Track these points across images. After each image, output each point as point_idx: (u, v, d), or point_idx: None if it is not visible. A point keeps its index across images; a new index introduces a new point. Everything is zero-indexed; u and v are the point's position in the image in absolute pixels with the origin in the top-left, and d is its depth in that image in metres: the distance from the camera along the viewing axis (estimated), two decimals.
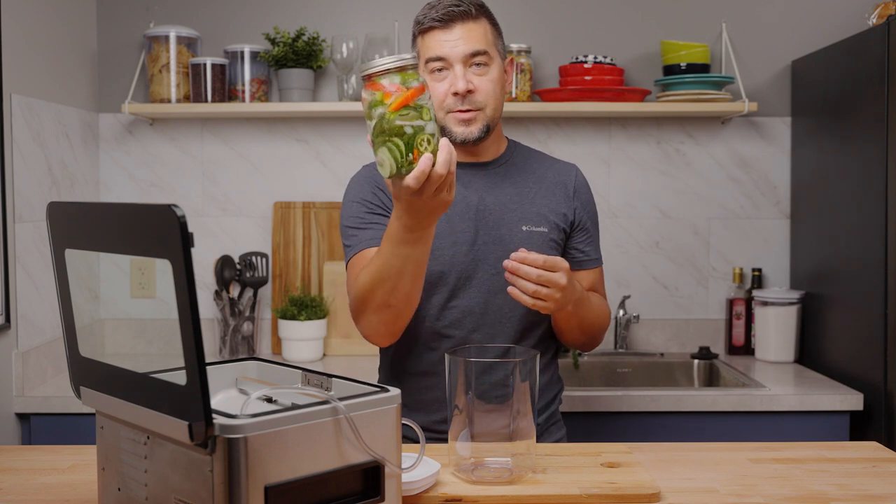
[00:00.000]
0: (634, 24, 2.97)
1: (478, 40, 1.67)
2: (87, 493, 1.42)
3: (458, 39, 1.66)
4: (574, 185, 1.83)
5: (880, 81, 2.34)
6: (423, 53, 1.70)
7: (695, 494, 1.41)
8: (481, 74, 1.68)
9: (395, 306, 1.58)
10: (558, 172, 1.83)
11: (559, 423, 1.87)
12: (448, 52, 1.66)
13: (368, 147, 1.40)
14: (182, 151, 2.97)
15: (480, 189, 1.76)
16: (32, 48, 2.46)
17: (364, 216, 1.73)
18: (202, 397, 1.00)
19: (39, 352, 2.47)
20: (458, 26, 1.66)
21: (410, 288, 1.57)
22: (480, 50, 1.67)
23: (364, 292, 1.59)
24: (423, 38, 1.70)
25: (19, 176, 2.36)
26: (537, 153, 1.88)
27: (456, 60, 1.67)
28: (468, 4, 1.68)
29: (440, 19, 1.66)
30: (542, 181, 1.80)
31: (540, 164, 1.84)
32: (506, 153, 1.82)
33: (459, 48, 1.66)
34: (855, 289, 2.51)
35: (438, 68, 1.68)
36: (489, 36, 1.70)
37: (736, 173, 2.99)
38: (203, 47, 2.91)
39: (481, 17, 1.69)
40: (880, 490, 1.43)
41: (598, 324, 1.79)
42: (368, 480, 1.16)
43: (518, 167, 1.81)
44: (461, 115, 1.69)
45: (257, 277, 2.89)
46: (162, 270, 2.82)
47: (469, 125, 1.70)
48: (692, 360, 2.89)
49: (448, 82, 1.67)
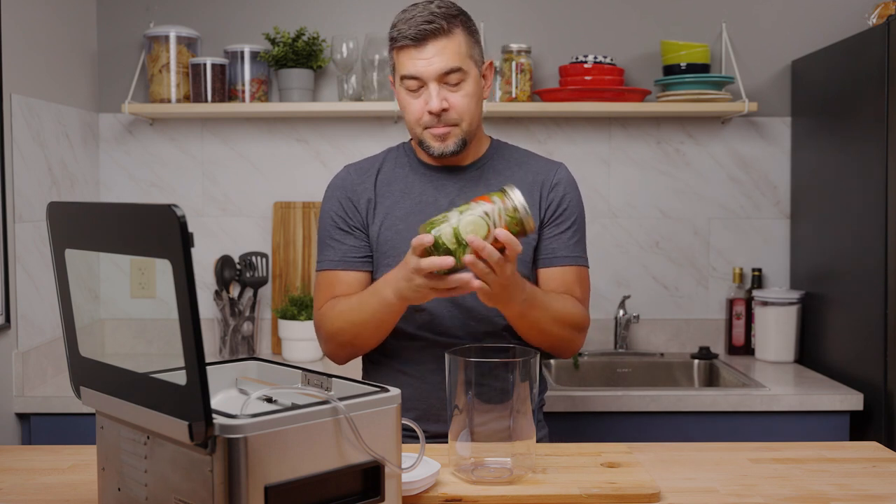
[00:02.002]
0: (634, 24, 2.97)
1: (451, 57, 1.66)
2: (87, 493, 1.42)
3: (431, 58, 1.66)
4: (552, 182, 1.78)
5: (880, 81, 2.34)
6: (398, 69, 1.71)
7: (695, 494, 1.41)
8: (456, 91, 1.68)
9: (359, 347, 1.74)
10: (537, 173, 1.79)
11: (540, 423, 1.85)
12: (421, 72, 1.66)
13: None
14: (182, 151, 2.97)
15: (452, 192, 1.77)
16: (32, 48, 2.47)
17: (331, 231, 1.80)
18: (202, 397, 1.00)
19: (39, 352, 2.47)
20: (431, 44, 1.65)
21: (379, 336, 1.71)
22: (454, 67, 1.66)
23: (334, 331, 1.72)
24: (398, 54, 1.70)
25: (19, 176, 2.36)
26: (521, 153, 1.85)
27: (430, 79, 1.66)
28: (440, 20, 1.65)
29: (413, 38, 1.66)
30: (518, 184, 1.75)
31: (520, 166, 1.81)
32: (485, 156, 1.81)
33: (433, 67, 1.66)
34: (855, 289, 2.51)
35: (413, 88, 1.69)
36: (463, 49, 1.68)
37: (736, 173, 2.99)
38: (203, 47, 2.91)
39: (454, 30, 1.67)
40: (880, 490, 1.43)
41: (558, 327, 1.68)
42: (368, 480, 1.16)
43: (496, 170, 1.80)
44: (436, 131, 1.70)
45: (257, 277, 2.89)
46: (162, 270, 2.82)
47: (444, 140, 1.71)
48: (692, 360, 2.89)
49: (423, 100, 1.68)
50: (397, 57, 1.71)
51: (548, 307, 1.65)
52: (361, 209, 1.79)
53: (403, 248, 1.72)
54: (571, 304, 1.71)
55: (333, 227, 1.79)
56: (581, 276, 1.78)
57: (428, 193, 1.77)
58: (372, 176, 1.81)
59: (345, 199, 1.80)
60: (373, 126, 2.97)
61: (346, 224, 1.78)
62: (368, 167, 1.84)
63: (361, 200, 1.79)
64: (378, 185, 1.80)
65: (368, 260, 1.79)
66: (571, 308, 1.71)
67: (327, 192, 1.84)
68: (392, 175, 1.81)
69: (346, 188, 1.81)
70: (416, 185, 1.79)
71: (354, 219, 1.78)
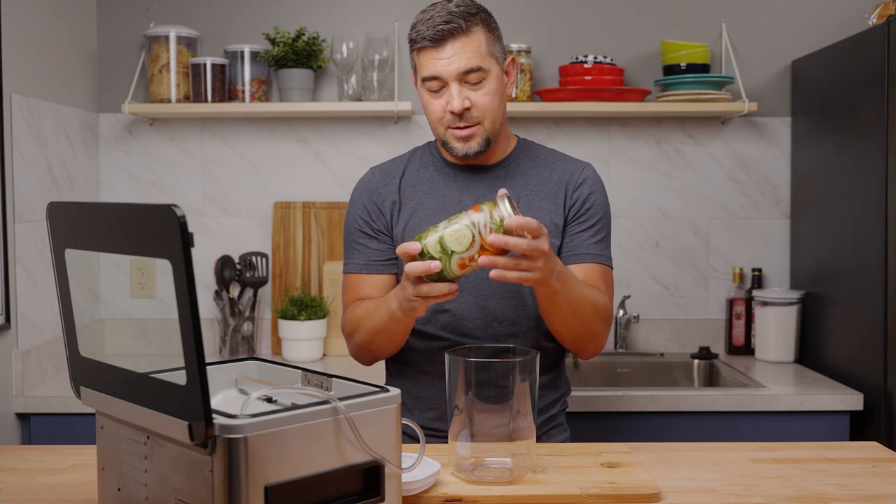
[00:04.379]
0: (634, 24, 2.97)
1: (471, 56, 1.65)
2: (87, 493, 1.42)
3: (451, 58, 1.65)
4: (577, 181, 1.77)
5: (880, 81, 2.34)
6: (419, 70, 1.71)
7: (695, 494, 1.41)
8: (477, 89, 1.67)
9: (375, 352, 1.75)
10: (563, 172, 1.78)
11: (560, 426, 1.84)
12: (441, 72, 1.66)
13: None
14: (182, 151, 2.97)
15: (477, 192, 1.76)
16: (32, 48, 2.46)
17: (356, 234, 1.81)
18: (202, 397, 1.00)
19: (39, 352, 2.47)
20: (450, 44, 1.65)
21: (392, 344, 1.71)
22: (474, 67, 1.65)
23: (352, 333, 1.74)
24: (418, 55, 1.70)
25: (19, 176, 2.36)
26: (548, 153, 1.83)
27: (450, 79, 1.66)
28: (459, 19, 1.64)
29: (431, 38, 1.65)
30: (544, 185, 1.77)
31: (546, 166, 1.79)
32: (511, 155, 1.80)
33: (453, 66, 1.65)
34: (855, 289, 2.51)
35: (434, 88, 1.69)
36: (483, 47, 1.66)
37: (736, 173, 2.99)
38: (203, 47, 2.91)
39: (474, 28, 1.66)
40: (880, 490, 1.43)
41: (591, 309, 1.64)
42: (368, 480, 1.16)
43: (522, 169, 1.79)
44: (459, 132, 1.69)
45: (257, 277, 2.89)
46: (162, 270, 2.82)
47: (468, 141, 1.70)
48: (692, 360, 2.89)
49: (445, 100, 1.68)
50: (418, 58, 1.70)
51: (578, 287, 1.61)
52: (386, 212, 1.78)
53: None
54: (599, 293, 1.68)
55: (358, 232, 1.80)
56: (605, 274, 1.75)
57: (452, 194, 1.76)
58: (396, 178, 1.80)
59: (369, 203, 1.80)
60: (373, 126, 2.97)
61: (371, 228, 1.79)
62: (393, 169, 1.83)
63: (386, 203, 1.79)
64: (402, 187, 1.79)
65: (393, 263, 1.79)
66: (600, 296, 1.67)
67: (353, 194, 1.84)
68: (417, 176, 1.80)
69: (371, 191, 1.81)
70: (441, 186, 1.78)
71: (378, 222, 1.78)
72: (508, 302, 1.72)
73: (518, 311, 1.73)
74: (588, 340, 1.69)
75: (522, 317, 1.73)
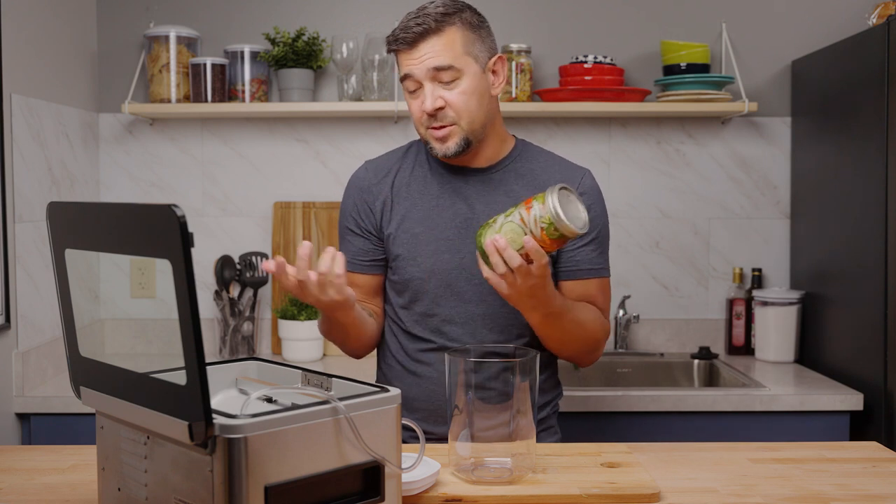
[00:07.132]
0: (634, 24, 2.97)
1: (440, 55, 1.64)
2: (87, 493, 1.42)
3: (421, 57, 1.65)
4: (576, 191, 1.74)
5: (880, 81, 2.34)
6: (399, 71, 1.72)
7: (695, 494, 1.41)
8: (451, 88, 1.66)
9: (351, 350, 1.81)
10: (562, 178, 1.75)
11: (551, 429, 1.84)
12: (413, 70, 1.67)
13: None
14: (182, 151, 2.97)
15: (471, 196, 1.74)
16: (32, 48, 2.46)
17: (344, 230, 1.84)
18: (202, 397, 1.00)
19: (39, 352, 2.47)
20: (422, 44, 1.65)
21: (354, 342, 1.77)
22: (444, 65, 1.64)
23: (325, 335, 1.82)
24: (397, 57, 1.72)
25: (19, 176, 2.36)
26: (546, 156, 1.81)
27: (423, 78, 1.66)
28: (431, 20, 1.64)
29: (403, 40, 1.66)
30: (540, 189, 1.73)
31: (544, 170, 1.77)
32: (507, 157, 1.78)
33: (423, 65, 1.65)
34: (855, 289, 2.51)
35: (411, 88, 1.69)
36: (457, 46, 1.65)
37: (736, 173, 2.99)
38: (203, 47, 2.91)
39: (447, 28, 1.65)
40: (880, 490, 1.43)
41: (584, 339, 1.70)
42: (368, 480, 1.16)
43: (518, 173, 1.76)
44: (436, 132, 1.69)
45: (257, 277, 2.89)
46: (162, 270, 2.82)
47: (445, 142, 1.69)
48: (692, 361, 2.89)
49: (421, 100, 1.68)
50: (397, 60, 1.72)
51: (573, 320, 1.65)
52: (377, 211, 1.78)
53: (419, 252, 1.72)
54: (594, 317, 1.72)
55: (346, 228, 1.82)
56: (603, 286, 1.77)
57: (445, 196, 1.75)
58: (390, 177, 1.80)
59: (360, 201, 1.80)
60: (373, 126, 2.97)
61: (358, 226, 1.79)
62: (388, 166, 1.82)
63: (377, 202, 1.78)
64: (395, 187, 1.79)
65: (377, 263, 1.79)
66: (594, 322, 1.71)
67: (347, 189, 1.85)
68: (411, 176, 1.79)
69: (363, 189, 1.81)
70: (434, 188, 1.77)
71: (367, 222, 1.79)
72: (499, 308, 1.72)
73: (509, 318, 1.72)
74: (583, 356, 1.76)
75: (513, 325, 1.73)
